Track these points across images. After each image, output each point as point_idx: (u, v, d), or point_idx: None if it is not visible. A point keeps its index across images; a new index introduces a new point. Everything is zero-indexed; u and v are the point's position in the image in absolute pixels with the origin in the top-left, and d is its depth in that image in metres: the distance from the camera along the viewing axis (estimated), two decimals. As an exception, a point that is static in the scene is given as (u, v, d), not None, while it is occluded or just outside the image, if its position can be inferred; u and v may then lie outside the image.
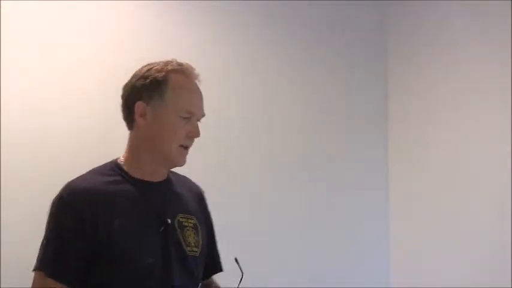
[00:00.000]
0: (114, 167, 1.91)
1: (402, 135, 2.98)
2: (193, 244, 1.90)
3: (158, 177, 1.92)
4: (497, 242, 2.54)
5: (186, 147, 1.91)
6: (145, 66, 1.96)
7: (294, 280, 2.84)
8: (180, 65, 1.93)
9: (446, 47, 2.82)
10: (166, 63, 1.93)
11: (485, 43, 2.64)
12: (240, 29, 2.88)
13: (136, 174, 1.90)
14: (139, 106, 1.91)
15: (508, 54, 2.53)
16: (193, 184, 2.05)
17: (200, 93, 1.95)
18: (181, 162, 1.92)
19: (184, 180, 2.03)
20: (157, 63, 1.94)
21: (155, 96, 1.89)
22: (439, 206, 2.78)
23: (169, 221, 1.87)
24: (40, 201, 2.47)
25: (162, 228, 1.85)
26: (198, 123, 1.92)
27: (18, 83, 2.44)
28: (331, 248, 2.95)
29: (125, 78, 2.63)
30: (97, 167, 1.94)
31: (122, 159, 1.94)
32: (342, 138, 3.06)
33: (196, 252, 1.91)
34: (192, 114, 1.90)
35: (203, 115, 1.94)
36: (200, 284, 1.93)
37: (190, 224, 1.92)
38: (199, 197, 2.03)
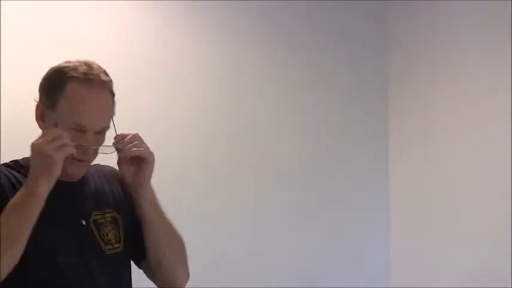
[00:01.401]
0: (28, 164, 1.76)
1: (402, 136, 2.98)
2: (113, 240, 1.81)
3: (71, 178, 1.79)
4: (498, 244, 2.55)
5: (79, 160, 1.75)
6: (60, 64, 1.82)
7: (290, 280, 2.84)
8: (86, 73, 1.77)
9: (448, 45, 2.82)
10: (74, 66, 1.78)
11: (487, 44, 2.64)
12: (236, 29, 2.87)
13: None
14: (38, 108, 1.80)
15: (509, 55, 2.53)
16: (114, 171, 1.90)
17: (99, 104, 1.77)
18: (75, 175, 1.79)
19: (104, 170, 1.90)
20: (67, 64, 1.80)
21: (50, 102, 1.76)
22: (440, 205, 2.79)
23: (83, 222, 1.79)
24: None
25: (76, 230, 1.77)
26: (99, 135, 1.77)
27: (18, 82, 2.44)
28: (329, 247, 2.95)
29: (124, 78, 2.65)
30: (13, 161, 1.82)
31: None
32: (340, 140, 3.05)
33: (118, 247, 1.81)
34: (83, 127, 1.74)
35: (103, 128, 1.78)
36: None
37: (107, 219, 1.82)
38: (120, 183, 1.88)
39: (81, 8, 2.57)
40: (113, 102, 1.81)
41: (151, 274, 1.87)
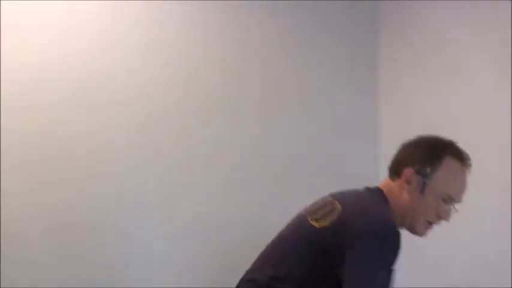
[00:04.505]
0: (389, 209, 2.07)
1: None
2: None
3: (417, 235, 2.10)
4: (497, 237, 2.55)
5: (431, 223, 2.07)
6: (431, 137, 2.13)
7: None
8: (460, 151, 2.09)
9: (438, 22, 2.84)
10: (449, 144, 2.10)
11: (479, 20, 2.64)
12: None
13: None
14: (408, 172, 2.07)
15: (503, 35, 2.53)
16: None
17: (467, 183, 2.10)
18: (422, 235, 2.09)
19: None
20: (442, 140, 2.10)
21: (426, 171, 2.05)
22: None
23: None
24: (40, 201, 2.49)
25: None
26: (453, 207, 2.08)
27: (18, 82, 2.44)
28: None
29: (126, 75, 2.65)
30: (376, 197, 2.08)
31: (386, 199, 2.09)
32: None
33: None
34: (452, 201, 2.06)
35: (461, 202, 2.09)
36: None
37: None
38: None
39: (82, 7, 2.57)
40: None
41: None
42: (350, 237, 1.89)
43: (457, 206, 2.07)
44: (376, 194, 2.10)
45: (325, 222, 1.98)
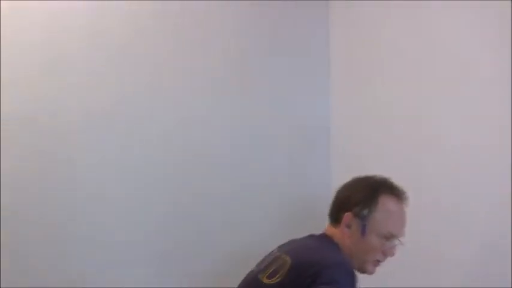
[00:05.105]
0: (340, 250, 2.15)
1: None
2: None
3: (366, 274, 2.21)
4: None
5: (378, 261, 2.19)
6: (365, 178, 2.22)
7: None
8: (394, 187, 2.19)
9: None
10: (383, 182, 2.19)
11: None
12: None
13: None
14: (347, 217, 2.15)
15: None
16: None
17: (406, 216, 2.20)
18: (372, 273, 2.20)
19: None
20: (375, 179, 2.20)
21: (364, 213, 2.14)
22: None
23: None
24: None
25: None
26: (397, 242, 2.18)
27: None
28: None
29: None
30: (328, 244, 2.16)
31: (335, 242, 2.18)
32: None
33: None
34: (394, 237, 2.16)
35: (403, 236, 2.19)
36: None
37: None
38: None
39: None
40: None
41: None
42: (313, 273, 1.91)
43: (403, 238, 2.19)
44: (324, 239, 2.18)
45: (279, 278, 2.01)
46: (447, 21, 2.72)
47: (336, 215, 2.21)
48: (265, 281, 2.04)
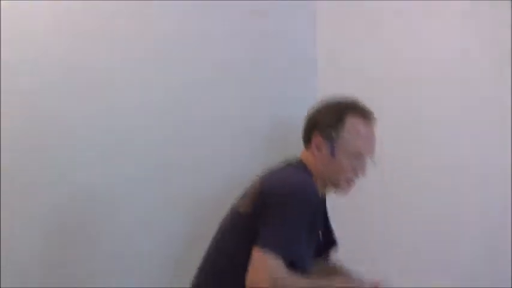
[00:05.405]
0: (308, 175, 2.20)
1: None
2: None
3: (341, 194, 2.29)
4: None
5: (352, 179, 2.23)
6: (333, 100, 2.26)
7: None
8: (361, 108, 2.23)
9: None
10: (350, 103, 2.24)
11: None
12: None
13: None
14: (317, 139, 2.22)
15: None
16: None
17: (374, 135, 2.25)
18: (347, 192, 2.26)
19: None
20: (343, 101, 2.24)
21: (332, 134, 2.20)
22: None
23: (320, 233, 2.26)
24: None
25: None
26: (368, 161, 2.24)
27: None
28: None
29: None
30: (296, 168, 2.21)
31: (307, 165, 2.23)
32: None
33: None
34: (363, 156, 2.22)
35: (373, 154, 2.25)
36: None
37: None
38: None
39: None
40: None
41: None
42: (266, 204, 2.03)
43: (374, 158, 2.24)
44: (297, 165, 2.24)
45: (248, 207, 2.11)
46: (442, 22, 2.72)
47: (306, 138, 2.28)
48: (241, 210, 2.14)
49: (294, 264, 2.01)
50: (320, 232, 2.25)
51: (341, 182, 2.23)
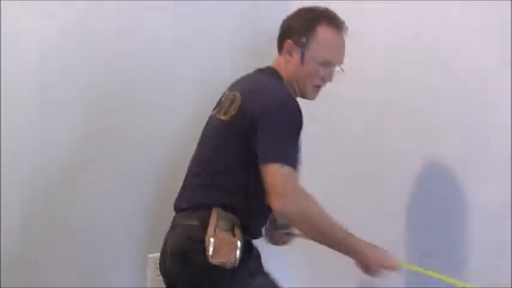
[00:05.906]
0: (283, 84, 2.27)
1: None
2: None
3: (309, 99, 2.37)
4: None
5: (319, 86, 2.32)
6: (307, 8, 2.32)
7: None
8: (333, 17, 2.29)
9: None
10: (322, 12, 2.29)
11: None
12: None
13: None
14: (288, 44, 2.29)
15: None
16: None
17: (343, 45, 2.31)
18: (313, 98, 2.35)
19: None
20: (316, 9, 2.30)
21: (303, 41, 2.26)
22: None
23: None
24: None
25: None
26: (335, 68, 2.32)
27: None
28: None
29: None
30: (269, 75, 2.28)
31: (278, 70, 2.30)
32: None
33: None
34: (331, 64, 2.29)
35: (341, 63, 2.33)
36: None
37: None
38: None
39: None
40: None
41: None
42: (257, 114, 2.09)
43: (342, 66, 2.32)
44: (270, 72, 2.30)
45: (233, 111, 2.16)
46: (442, 21, 2.72)
47: (279, 43, 2.34)
48: (222, 117, 2.20)
49: None
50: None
51: (308, 87, 2.30)
